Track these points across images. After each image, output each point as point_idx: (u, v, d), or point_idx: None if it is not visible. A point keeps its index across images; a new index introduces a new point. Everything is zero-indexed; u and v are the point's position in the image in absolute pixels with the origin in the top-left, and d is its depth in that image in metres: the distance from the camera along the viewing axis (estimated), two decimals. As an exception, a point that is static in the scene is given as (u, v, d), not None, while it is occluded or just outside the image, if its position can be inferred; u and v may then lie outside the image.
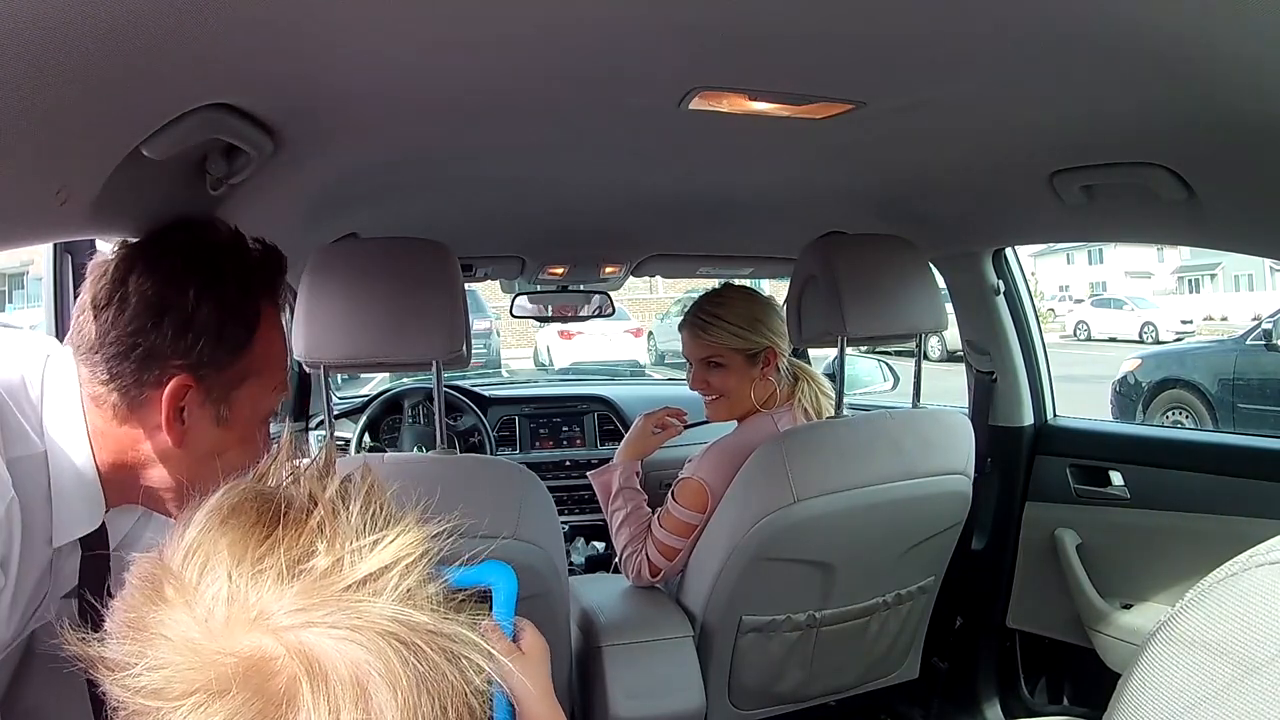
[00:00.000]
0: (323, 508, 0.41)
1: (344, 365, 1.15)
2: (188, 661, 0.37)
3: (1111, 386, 6.38)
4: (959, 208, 1.54)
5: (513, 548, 1.13)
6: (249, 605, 0.38)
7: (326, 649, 0.37)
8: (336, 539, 0.40)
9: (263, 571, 0.39)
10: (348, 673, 0.37)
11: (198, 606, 0.38)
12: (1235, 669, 0.41)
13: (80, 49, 0.60)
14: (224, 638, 0.38)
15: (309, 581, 0.39)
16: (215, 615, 0.38)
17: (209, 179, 0.98)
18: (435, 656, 0.39)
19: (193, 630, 0.38)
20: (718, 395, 1.53)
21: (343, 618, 0.38)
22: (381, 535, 0.41)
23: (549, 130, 1.13)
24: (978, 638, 1.83)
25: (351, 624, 0.38)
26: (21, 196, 0.75)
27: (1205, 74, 0.84)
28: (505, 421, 2.52)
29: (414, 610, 0.39)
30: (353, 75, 0.86)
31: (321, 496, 0.42)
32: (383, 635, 0.38)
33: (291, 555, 0.39)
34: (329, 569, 0.39)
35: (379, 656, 0.37)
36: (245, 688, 0.36)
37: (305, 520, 0.41)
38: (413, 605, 0.40)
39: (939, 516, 1.46)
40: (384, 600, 0.39)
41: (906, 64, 0.88)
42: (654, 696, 1.35)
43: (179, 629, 0.38)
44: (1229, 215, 1.15)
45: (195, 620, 0.38)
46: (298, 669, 0.37)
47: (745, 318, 1.50)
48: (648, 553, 1.48)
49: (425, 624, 0.39)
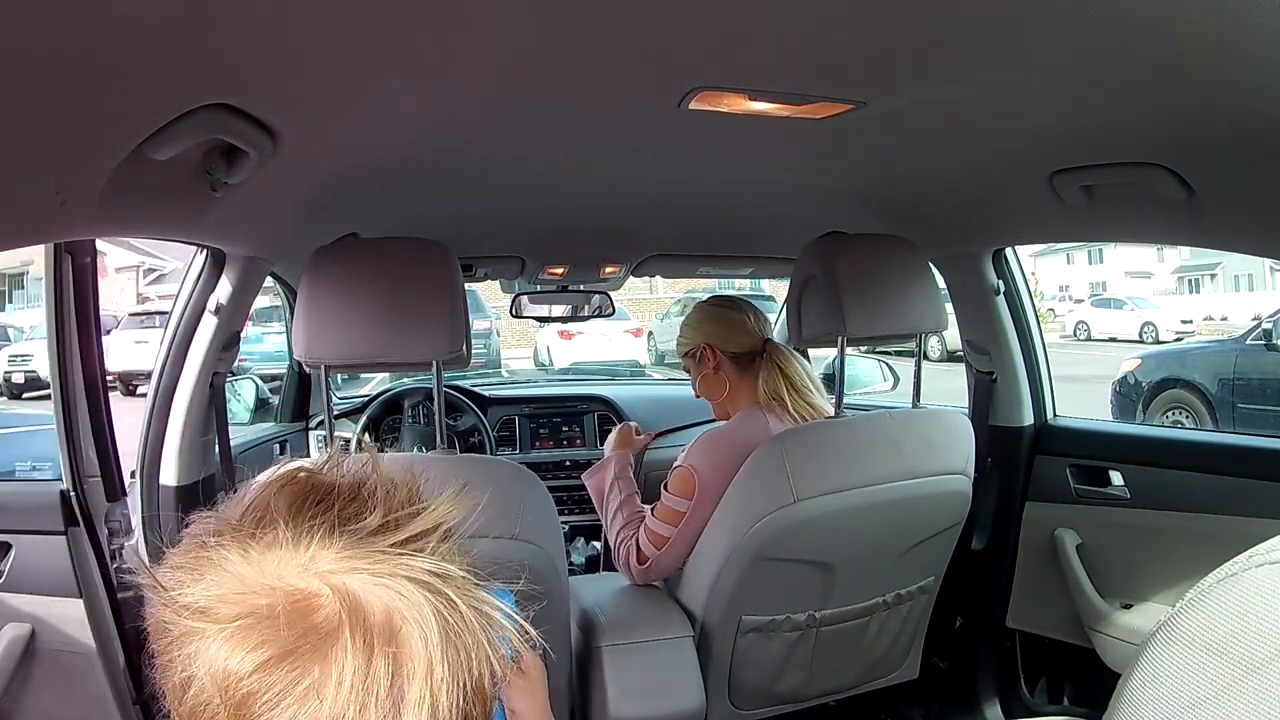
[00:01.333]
0: (376, 481, 0.46)
1: (344, 365, 1.15)
2: (237, 589, 0.41)
3: (1111, 386, 6.37)
4: (959, 208, 1.54)
5: (513, 548, 1.13)
6: (300, 551, 0.42)
7: (367, 593, 0.41)
8: (386, 506, 0.45)
9: (315, 527, 0.43)
10: (383, 615, 0.40)
11: (252, 549, 0.42)
12: (1235, 669, 0.41)
13: (80, 49, 0.60)
14: (274, 576, 0.41)
15: (358, 538, 0.42)
16: (268, 557, 0.42)
17: (209, 179, 0.98)
18: (466, 610, 0.42)
19: (245, 566, 0.42)
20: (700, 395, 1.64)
21: (384, 568, 0.42)
22: (424, 505, 0.46)
23: (549, 130, 1.13)
24: (978, 638, 1.83)
25: (391, 573, 0.41)
26: (21, 196, 0.75)
27: (1205, 74, 0.84)
28: (505, 421, 2.52)
29: (451, 566, 0.43)
30: (353, 76, 0.86)
31: (371, 476, 0.47)
32: (419, 585, 0.41)
33: (345, 515, 0.43)
34: (378, 529, 0.43)
35: (414, 604, 0.41)
36: (288, 619, 0.39)
37: (358, 491, 0.45)
38: (452, 558, 0.44)
39: (939, 516, 1.46)
40: (423, 557, 0.43)
41: (906, 64, 0.88)
42: (654, 696, 1.35)
43: (233, 564, 0.42)
44: (1229, 215, 1.15)
45: (249, 560, 0.42)
46: (339, 607, 0.40)
47: (685, 323, 1.63)
48: (638, 539, 1.50)
49: (460, 577, 0.43)
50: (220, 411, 1.54)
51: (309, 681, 0.39)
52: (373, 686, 0.39)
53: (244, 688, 0.39)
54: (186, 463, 1.46)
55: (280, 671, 0.39)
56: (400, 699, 0.39)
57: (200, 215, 1.11)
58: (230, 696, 0.39)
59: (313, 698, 0.39)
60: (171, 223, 1.13)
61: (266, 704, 0.39)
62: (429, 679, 0.40)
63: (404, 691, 0.39)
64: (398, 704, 0.39)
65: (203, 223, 1.15)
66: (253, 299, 1.55)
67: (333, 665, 0.39)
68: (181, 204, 1.04)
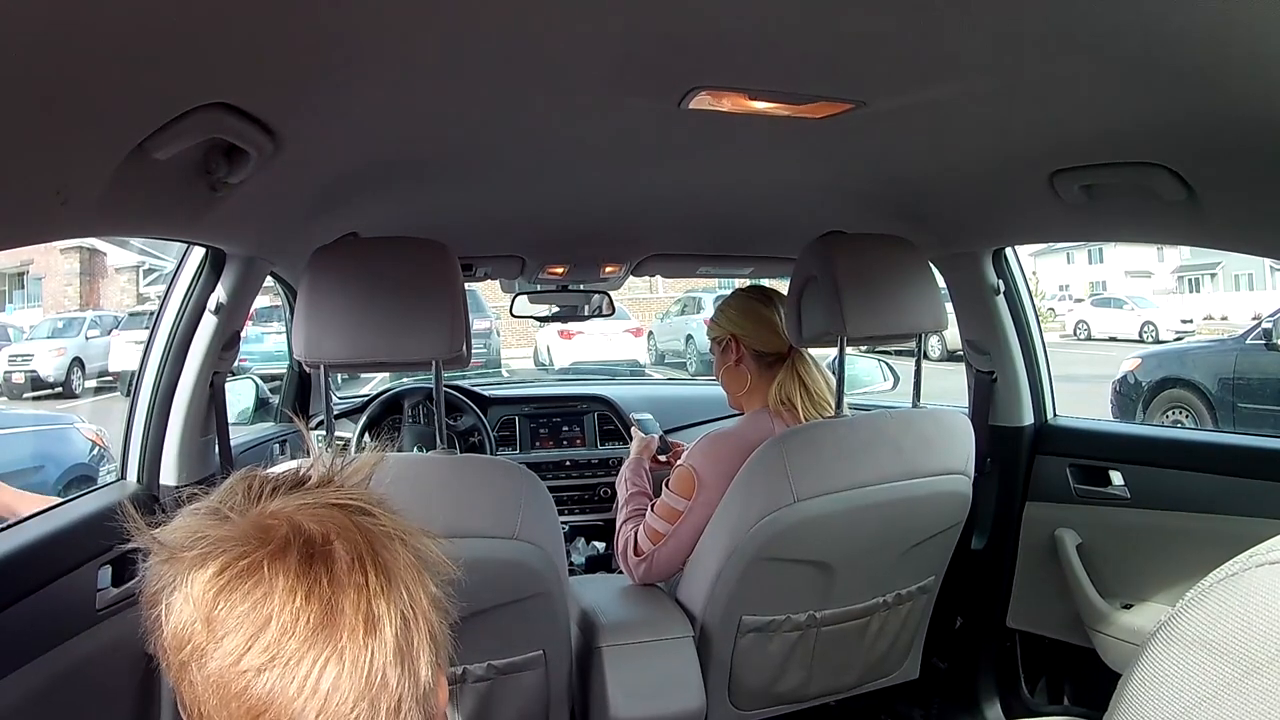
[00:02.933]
0: (315, 459, 0.56)
1: (344, 365, 1.15)
2: (203, 526, 0.49)
3: (1111, 386, 6.37)
4: (959, 208, 1.54)
5: (513, 548, 1.13)
6: (259, 506, 0.51)
7: (308, 519, 0.49)
8: (323, 466, 0.55)
9: (273, 490, 0.52)
10: (320, 532, 0.49)
11: (221, 507, 0.51)
12: (1235, 669, 0.41)
13: (81, 49, 0.60)
14: (235, 520, 0.50)
15: (302, 491, 0.52)
16: (235, 510, 0.50)
17: (209, 179, 0.98)
18: (391, 529, 0.51)
19: (211, 515, 0.50)
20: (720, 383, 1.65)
21: (321, 502, 0.51)
22: (353, 459, 0.56)
23: (549, 130, 1.13)
24: (978, 638, 1.83)
25: (327, 504, 0.51)
26: (21, 196, 0.75)
27: (1205, 74, 0.84)
28: (505, 421, 2.52)
29: (377, 502, 0.53)
30: (353, 76, 0.86)
31: (307, 460, 0.57)
32: (351, 510, 0.51)
33: (291, 479, 0.53)
34: (321, 481, 0.53)
35: (344, 525, 0.50)
36: (243, 543, 0.48)
37: (299, 470, 0.55)
38: (377, 501, 0.53)
39: (939, 516, 1.46)
40: (357, 493, 0.53)
41: (906, 64, 0.88)
42: (654, 697, 1.35)
43: (201, 516, 0.50)
44: (1229, 215, 1.15)
45: (216, 513, 0.50)
46: (286, 530, 0.49)
47: (719, 308, 1.63)
48: (636, 533, 1.51)
49: (391, 514, 0.53)
50: (220, 411, 1.54)
51: (261, 575, 0.47)
52: (314, 578, 0.47)
53: (211, 589, 0.47)
54: (186, 463, 1.46)
55: (240, 569, 0.47)
56: (339, 590, 0.47)
57: (201, 215, 1.11)
58: (201, 608, 0.47)
59: (264, 589, 0.46)
60: (172, 222, 1.13)
61: (231, 603, 0.46)
62: (365, 578, 0.48)
63: (342, 584, 0.48)
64: (336, 594, 0.47)
65: (203, 223, 1.15)
66: (253, 299, 1.55)
67: (280, 563, 0.47)
68: (182, 204, 1.04)
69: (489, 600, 1.14)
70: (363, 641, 0.47)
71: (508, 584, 1.16)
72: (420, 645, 0.50)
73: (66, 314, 12.21)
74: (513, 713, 1.28)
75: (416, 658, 0.49)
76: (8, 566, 1.03)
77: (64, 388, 9.79)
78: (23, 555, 1.06)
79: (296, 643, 0.46)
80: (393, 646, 0.48)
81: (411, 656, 0.49)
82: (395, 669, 0.48)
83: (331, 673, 0.46)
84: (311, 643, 0.46)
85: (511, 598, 1.18)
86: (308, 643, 0.46)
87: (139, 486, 1.42)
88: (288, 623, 0.46)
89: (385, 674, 0.47)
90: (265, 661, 0.45)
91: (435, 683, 0.51)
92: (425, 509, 0.61)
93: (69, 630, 1.08)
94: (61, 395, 9.61)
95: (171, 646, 0.48)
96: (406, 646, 0.49)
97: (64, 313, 12.61)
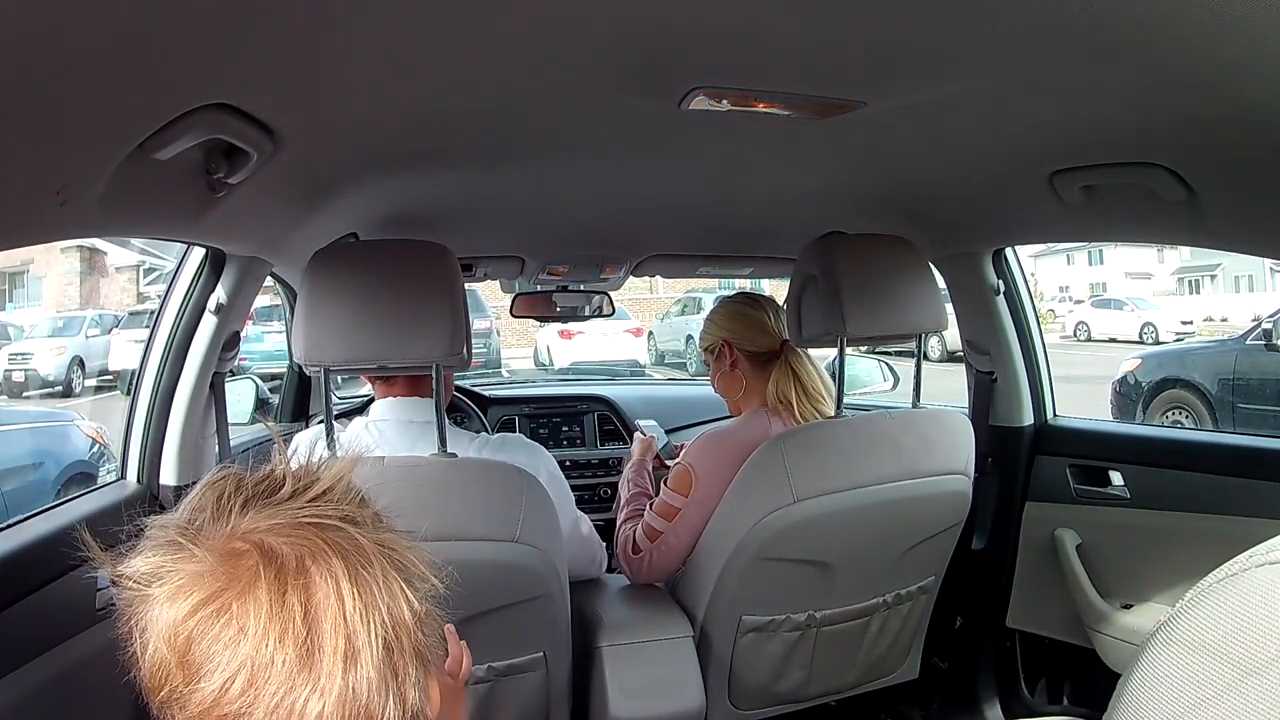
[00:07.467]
0: (281, 462, 0.53)
1: (344, 368, 1.15)
2: (174, 555, 0.47)
3: (1111, 386, 6.37)
4: (959, 208, 1.54)
5: (513, 551, 1.13)
6: (223, 525, 0.49)
7: (280, 542, 0.48)
8: (295, 477, 0.52)
9: (235, 506, 0.49)
10: (295, 557, 0.47)
11: (189, 529, 0.49)
12: (1235, 670, 0.41)
13: (81, 49, 0.60)
14: (204, 549, 0.48)
15: (273, 506, 0.50)
16: (200, 538, 0.48)
17: (209, 179, 0.98)
18: (370, 546, 0.49)
19: (181, 539, 0.48)
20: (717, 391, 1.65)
21: (294, 521, 0.49)
22: (324, 471, 0.53)
23: (549, 130, 1.13)
24: (978, 638, 1.83)
25: (299, 523, 0.49)
26: (21, 196, 0.75)
27: (1205, 74, 0.84)
28: (505, 421, 2.52)
29: (356, 512, 0.51)
30: (352, 75, 0.86)
31: (279, 461, 0.54)
32: (326, 529, 0.48)
33: (259, 489, 0.50)
34: (290, 495, 0.51)
35: (320, 546, 0.48)
36: (214, 575, 0.46)
37: (270, 473, 0.52)
38: (356, 510, 0.51)
39: (939, 516, 1.46)
40: (329, 507, 0.50)
41: (906, 64, 0.88)
42: (653, 697, 1.35)
43: (163, 548, 0.48)
44: (1229, 215, 1.15)
45: (185, 536, 0.48)
46: (257, 557, 0.47)
47: (708, 318, 1.64)
48: (635, 531, 1.52)
49: (369, 523, 0.51)
50: (220, 411, 1.54)
51: (232, 616, 0.45)
52: (288, 616, 0.45)
53: (183, 633, 0.46)
54: (186, 462, 1.46)
55: (210, 611, 0.46)
56: (315, 625, 0.46)
57: (201, 215, 1.11)
58: (175, 645, 0.46)
59: (236, 630, 0.45)
60: (172, 223, 1.12)
61: (204, 647, 0.45)
62: (341, 608, 0.46)
63: (319, 619, 0.46)
64: (313, 630, 0.46)
65: (203, 223, 1.15)
66: (253, 299, 1.55)
67: (251, 601, 0.46)
68: (182, 204, 1.04)
69: (489, 603, 1.14)
70: (343, 677, 0.46)
71: (508, 587, 1.16)
72: (405, 668, 0.48)
73: (67, 313, 12.20)
74: (513, 714, 1.28)
75: (403, 682, 0.48)
76: (8, 566, 1.03)
77: (64, 387, 9.79)
78: (23, 555, 1.06)
79: (275, 684, 0.45)
80: (375, 676, 0.47)
81: (397, 682, 0.48)
82: (380, 696, 0.47)
83: (314, 709, 0.45)
84: (290, 684, 0.45)
85: (512, 600, 1.17)
86: (285, 684, 0.45)
87: (139, 486, 1.42)
88: (263, 665, 0.45)
89: (369, 705, 0.46)
90: (245, 705, 0.45)
91: (427, 694, 0.50)
92: (424, 513, 0.61)
93: (69, 630, 1.07)
94: (62, 394, 9.60)
95: (150, 686, 0.48)
96: (390, 673, 0.47)
97: (64, 312, 12.60)
